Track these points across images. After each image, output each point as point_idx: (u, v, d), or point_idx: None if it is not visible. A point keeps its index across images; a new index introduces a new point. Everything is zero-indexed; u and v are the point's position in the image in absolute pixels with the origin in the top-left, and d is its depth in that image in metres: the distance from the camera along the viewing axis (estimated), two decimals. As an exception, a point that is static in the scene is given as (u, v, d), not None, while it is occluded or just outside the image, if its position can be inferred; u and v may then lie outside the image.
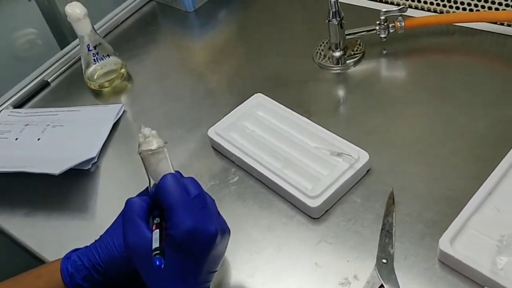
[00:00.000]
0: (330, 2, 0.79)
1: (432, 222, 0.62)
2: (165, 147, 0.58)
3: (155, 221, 0.53)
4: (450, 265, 0.57)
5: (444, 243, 0.56)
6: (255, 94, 0.79)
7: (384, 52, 0.86)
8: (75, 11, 0.84)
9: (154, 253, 0.49)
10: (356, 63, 0.85)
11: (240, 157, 0.71)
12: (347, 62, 0.85)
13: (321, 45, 0.88)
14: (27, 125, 0.87)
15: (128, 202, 0.54)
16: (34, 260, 0.71)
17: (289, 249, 0.63)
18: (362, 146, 0.69)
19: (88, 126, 0.84)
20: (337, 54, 0.85)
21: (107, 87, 0.93)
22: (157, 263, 0.48)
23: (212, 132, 0.76)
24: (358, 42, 0.86)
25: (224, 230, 0.56)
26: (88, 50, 0.89)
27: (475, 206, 0.59)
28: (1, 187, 0.80)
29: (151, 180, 0.57)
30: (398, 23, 0.82)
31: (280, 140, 0.73)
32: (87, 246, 0.61)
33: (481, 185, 0.61)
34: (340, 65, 0.85)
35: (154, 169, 0.57)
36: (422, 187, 0.66)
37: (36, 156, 0.80)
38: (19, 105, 0.95)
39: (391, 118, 0.75)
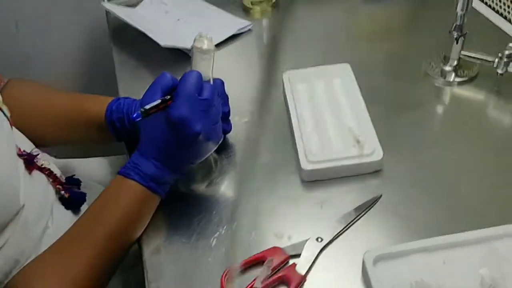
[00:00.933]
0: (457, 13, 0.77)
1: (387, 237, 0.62)
2: (213, 52, 0.68)
3: (166, 97, 0.63)
4: (365, 278, 0.58)
5: (369, 258, 0.57)
6: (344, 64, 0.83)
7: (496, 89, 0.81)
8: None
9: (141, 108, 0.61)
10: (460, 84, 0.82)
11: (289, 102, 0.78)
12: (451, 79, 0.82)
13: (438, 55, 0.86)
14: (180, 5, 1.05)
15: (162, 74, 0.66)
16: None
17: (268, 190, 0.70)
18: (392, 151, 0.70)
19: (214, 26, 0.98)
20: (446, 68, 0.83)
21: (255, 6, 1.05)
22: (134, 115, 0.59)
23: (286, 75, 0.83)
24: (475, 66, 0.82)
25: (211, 136, 0.65)
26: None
27: (431, 245, 0.58)
28: (133, 40, 1.00)
29: None
30: (519, 65, 0.76)
31: (329, 108, 0.77)
32: (134, 99, 0.76)
33: (455, 233, 0.59)
34: (443, 78, 0.82)
35: (195, 65, 0.68)
36: (414, 207, 0.65)
37: (164, 28, 0.97)
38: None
39: (446, 146, 0.73)
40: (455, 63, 0.82)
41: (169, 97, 0.63)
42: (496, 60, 0.78)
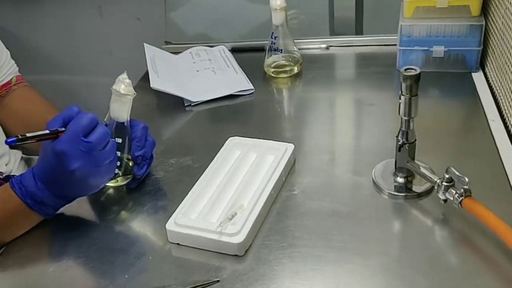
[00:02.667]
0: (401, 118, 0.68)
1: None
2: (129, 97, 0.71)
3: (60, 129, 0.66)
4: None
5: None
6: (289, 144, 0.79)
7: (441, 217, 0.68)
8: (276, 1, 0.97)
9: (19, 135, 0.64)
10: (407, 199, 0.71)
11: (211, 164, 0.77)
12: (395, 193, 0.72)
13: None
14: (209, 59, 1.10)
15: (69, 107, 0.68)
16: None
17: (137, 234, 0.71)
18: (275, 243, 0.66)
19: (221, 82, 1.02)
20: (397, 177, 0.73)
21: (274, 75, 1.05)
22: (9, 140, 0.63)
23: (229, 140, 0.82)
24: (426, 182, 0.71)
25: (92, 176, 0.67)
26: (271, 37, 1.01)
27: None
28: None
29: (109, 113, 0.72)
30: (456, 195, 0.64)
31: (241, 181, 0.73)
32: None
33: None
34: (391, 189, 0.72)
35: (111, 106, 0.72)
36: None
37: (173, 75, 1.03)
38: (234, 50, 1.17)
39: (336, 268, 0.64)
40: (402, 173, 0.72)
41: (63, 129, 0.66)
42: (438, 181, 0.66)
